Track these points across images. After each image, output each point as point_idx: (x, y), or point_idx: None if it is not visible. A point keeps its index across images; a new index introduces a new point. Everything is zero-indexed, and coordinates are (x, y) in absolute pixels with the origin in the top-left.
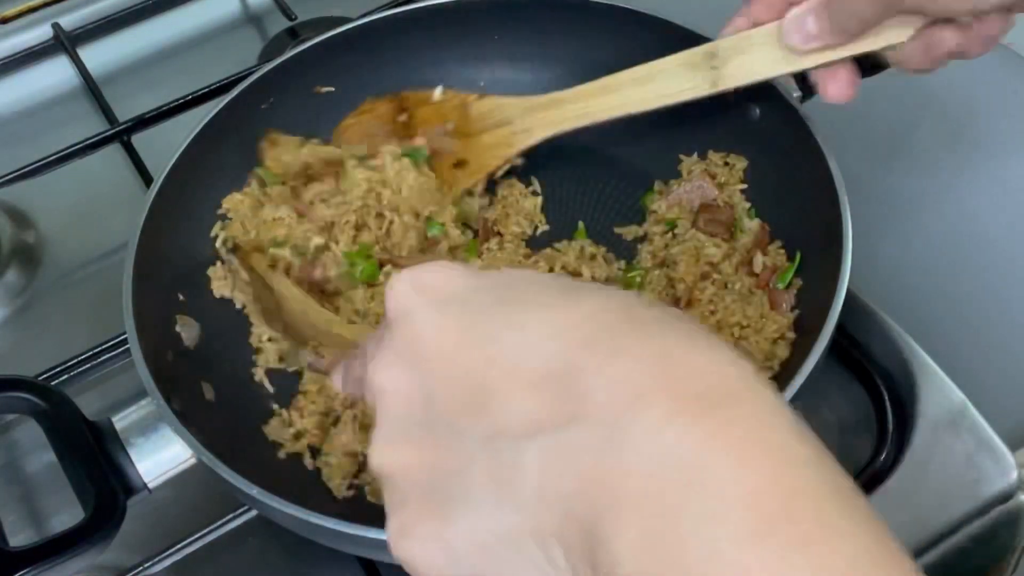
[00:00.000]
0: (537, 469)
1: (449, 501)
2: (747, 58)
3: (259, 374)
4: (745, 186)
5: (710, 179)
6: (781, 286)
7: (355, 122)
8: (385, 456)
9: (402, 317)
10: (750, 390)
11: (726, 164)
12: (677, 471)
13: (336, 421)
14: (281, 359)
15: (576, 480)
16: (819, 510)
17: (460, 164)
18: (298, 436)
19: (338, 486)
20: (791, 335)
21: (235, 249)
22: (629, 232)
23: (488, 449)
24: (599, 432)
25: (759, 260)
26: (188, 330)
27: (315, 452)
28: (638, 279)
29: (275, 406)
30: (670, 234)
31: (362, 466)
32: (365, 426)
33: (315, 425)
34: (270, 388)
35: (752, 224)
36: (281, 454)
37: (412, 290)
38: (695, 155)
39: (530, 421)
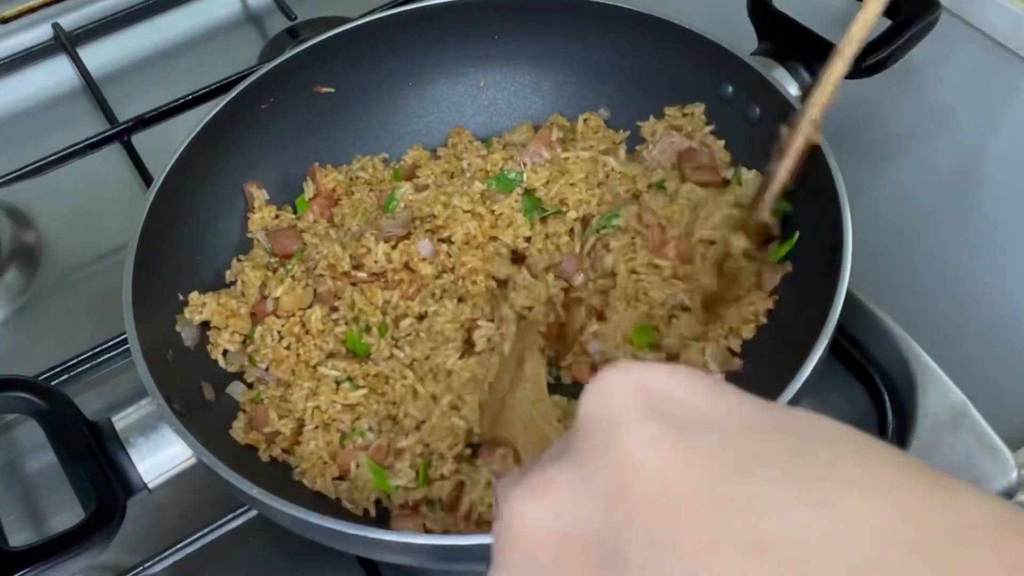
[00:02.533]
0: None
1: None
2: None
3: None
4: (712, 127)
5: (676, 131)
6: (774, 258)
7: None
8: None
9: (608, 425)
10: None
11: (685, 115)
12: None
13: (302, 427)
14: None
15: None
16: None
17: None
18: (270, 441)
19: (324, 486)
20: (763, 320)
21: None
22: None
23: None
24: None
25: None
26: (188, 330)
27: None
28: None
29: (246, 410)
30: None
31: (342, 473)
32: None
33: (288, 431)
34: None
35: (750, 175)
36: (263, 456)
37: (634, 393)
38: (651, 117)
39: None
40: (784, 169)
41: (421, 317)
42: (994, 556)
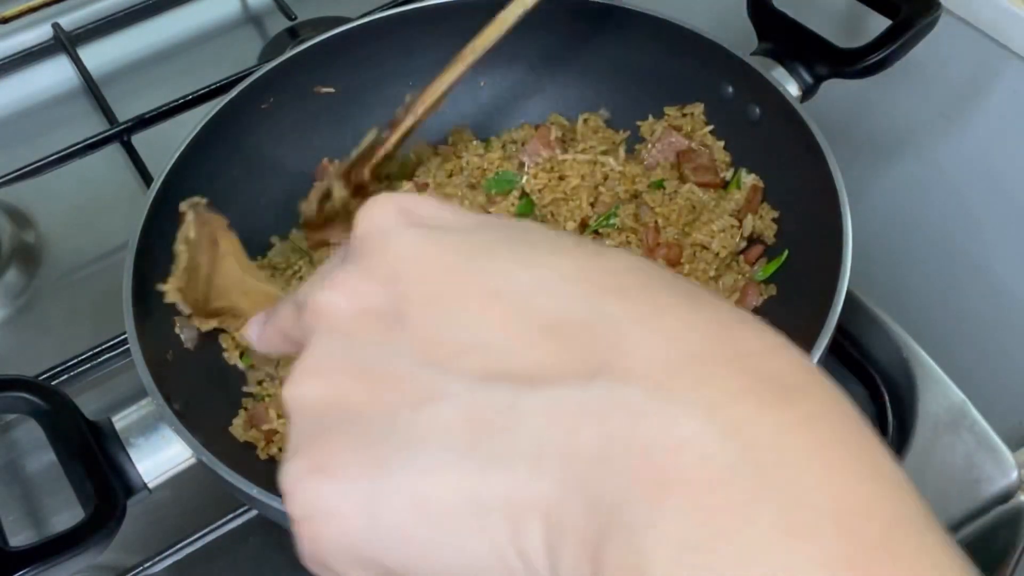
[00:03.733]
0: (542, 422)
1: (391, 443)
2: None
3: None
4: (712, 127)
5: (676, 131)
6: (762, 275)
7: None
8: (308, 384)
9: (378, 235)
10: (822, 385)
11: (685, 115)
12: (748, 461)
13: None
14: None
15: (599, 443)
16: (920, 545)
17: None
18: (268, 439)
19: None
20: None
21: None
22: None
23: (472, 389)
24: (638, 392)
25: (749, 222)
26: (188, 330)
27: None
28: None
29: (247, 407)
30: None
31: None
32: None
33: (286, 430)
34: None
35: (748, 179)
36: (261, 455)
37: (396, 212)
38: (650, 117)
39: (540, 367)
40: (391, 141)
41: None
42: (648, 279)
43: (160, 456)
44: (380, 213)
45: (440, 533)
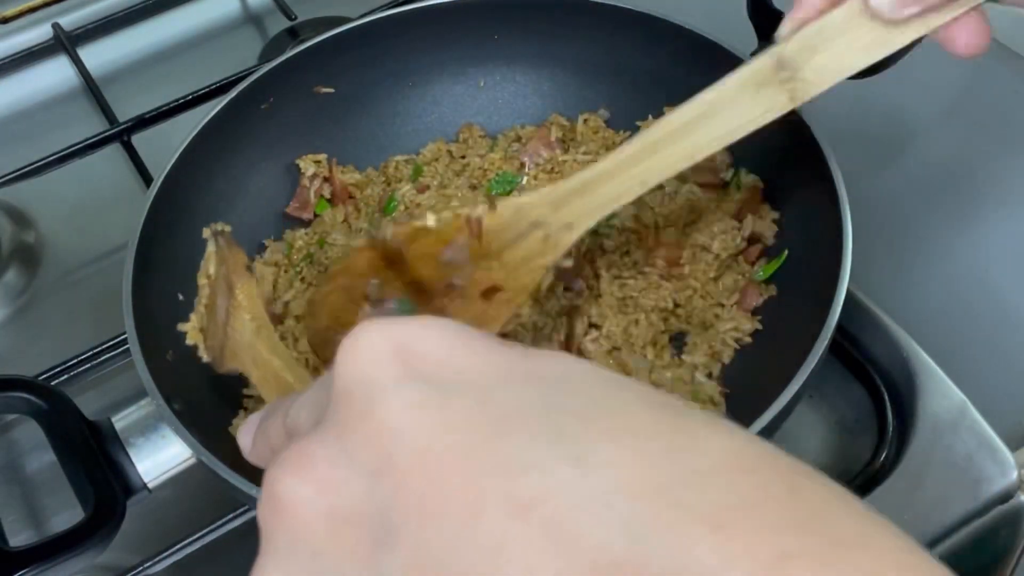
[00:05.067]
0: None
1: None
2: (826, 55)
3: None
4: None
5: None
6: (762, 275)
7: (330, 292)
8: None
9: (363, 392)
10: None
11: None
12: None
13: None
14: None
15: None
16: None
17: (490, 293)
18: None
19: None
20: (747, 340)
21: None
22: None
23: None
24: None
25: (749, 222)
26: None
27: None
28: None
29: (248, 407)
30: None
31: None
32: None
33: None
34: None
35: (748, 179)
36: None
37: (391, 354)
38: (650, 116)
39: None
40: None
41: None
42: (727, 495)
43: (160, 456)
44: (368, 354)
45: None
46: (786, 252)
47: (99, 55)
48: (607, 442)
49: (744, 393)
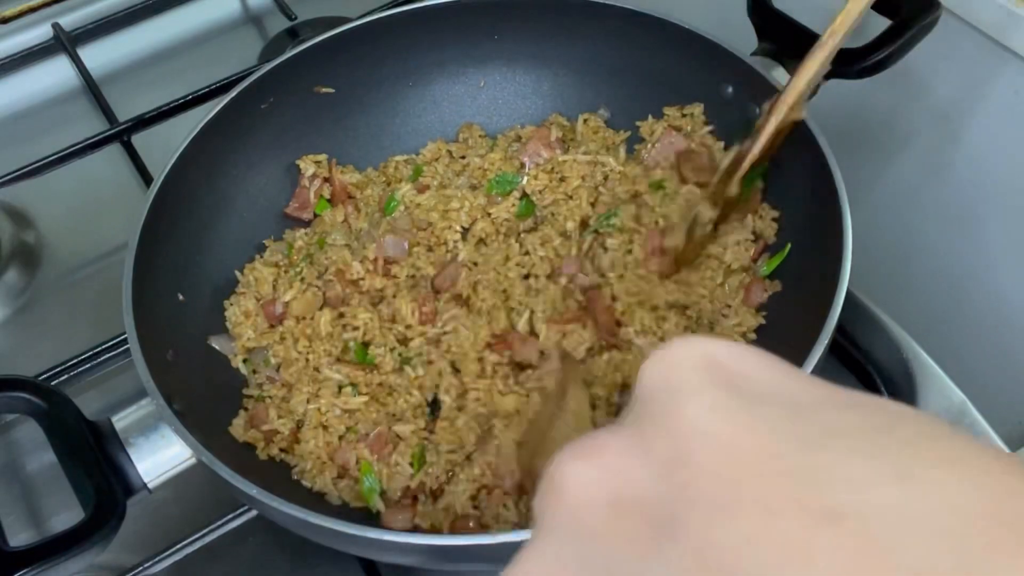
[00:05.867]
0: None
1: None
2: None
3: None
4: (711, 127)
5: (675, 131)
6: (765, 271)
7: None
8: None
9: (669, 393)
10: None
11: (684, 116)
12: None
13: (300, 426)
14: (246, 360)
15: None
16: None
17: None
18: (268, 440)
19: (324, 485)
20: (752, 336)
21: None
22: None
23: None
24: None
25: (749, 222)
26: (222, 341)
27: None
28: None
29: (248, 407)
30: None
31: (340, 472)
32: (327, 428)
33: (286, 430)
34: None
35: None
36: (261, 455)
37: (701, 364)
38: (650, 117)
39: None
40: (757, 146)
41: (435, 341)
42: None
43: (160, 456)
44: (679, 361)
45: None
46: (789, 246)
47: (99, 55)
48: (932, 466)
49: None
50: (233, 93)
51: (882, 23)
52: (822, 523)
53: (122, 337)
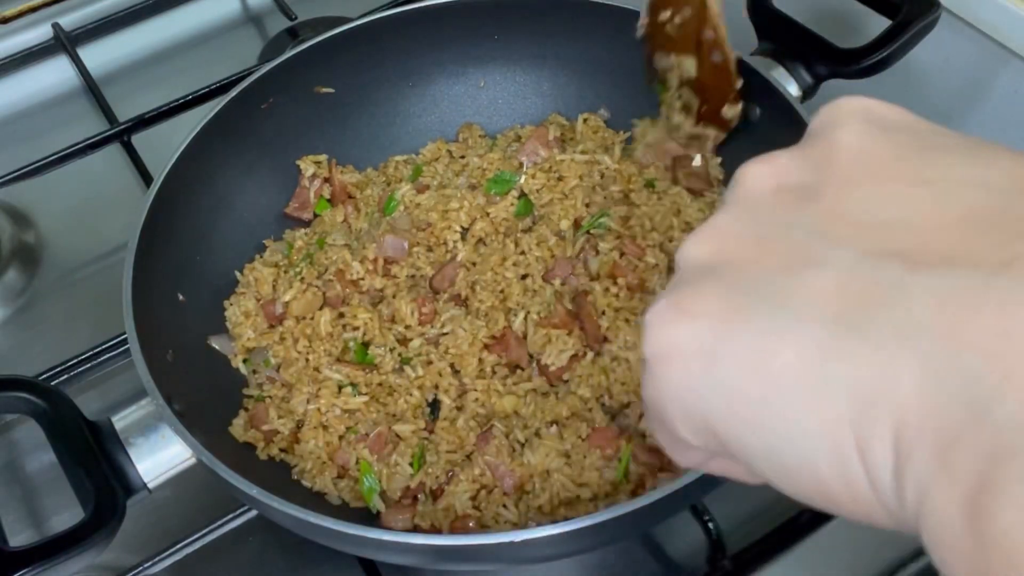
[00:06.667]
0: (928, 303)
1: (755, 297)
2: None
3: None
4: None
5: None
6: None
7: None
8: (701, 245)
9: (831, 126)
10: None
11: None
12: None
13: (300, 426)
14: (246, 360)
15: (992, 338)
16: None
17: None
18: (268, 440)
19: (324, 485)
20: None
21: None
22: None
23: (859, 261)
24: None
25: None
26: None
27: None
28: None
29: (248, 407)
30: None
31: (340, 472)
32: (327, 428)
33: (286, 430)
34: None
35: None
36: (261, 455)
37: (860, 110)
38: (647, 118)
39: (945, 251)
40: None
41: (435, 342)
42: None
43: (160, 456)
44: (844, 109)
45: (774, 396)
46: None
47: (99, 55)
48: (1009, 159)
49: None
50: (233, 93)
51: (882, 23)
52: (919, 184)
53: (122, 337)
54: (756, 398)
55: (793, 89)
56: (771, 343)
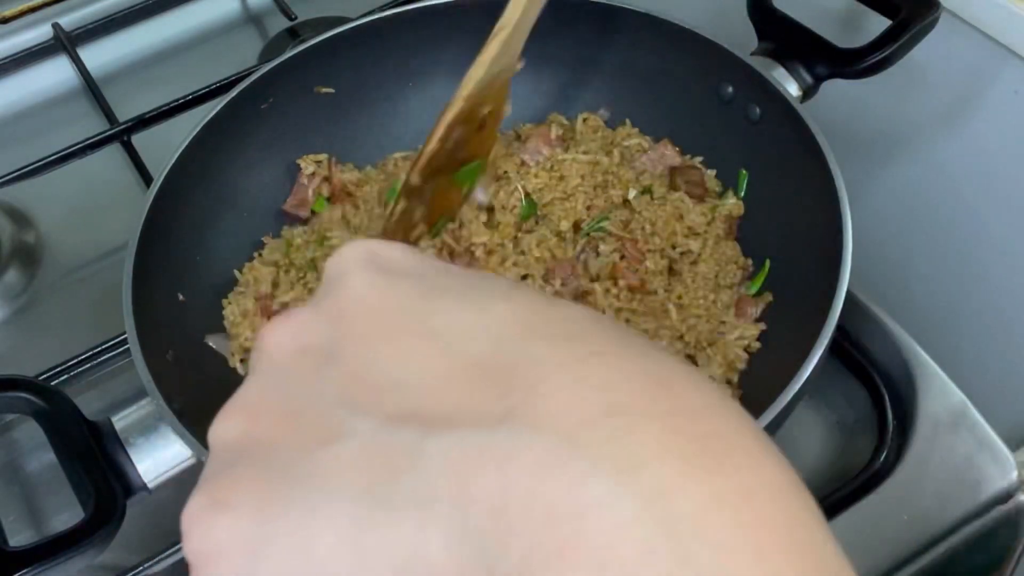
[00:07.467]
0: (439, 465)
1: (290, 480)
2: None
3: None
4: (714, 171)
5: (671, 145)
6: (752, 291)
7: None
8: (232, 421)
9: (339, 277)
10: (765, 453)
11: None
12: (666, 536)
13: None
14: (243, 360)
15: (496, 494)
16: None
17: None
18: None
19: None
20: (756, 345)
21: None
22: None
23: (378, 429)
24: (544, 442)
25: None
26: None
27: None
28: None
29: None
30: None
31: None
32: None
33: None
34: None
35: (730, 203)
36: None
37: (362, 256)
38: (648, 117)
39: (453, 408)
40: (433, 139)
41: None
42: (576, 330)
43: (160, 456)
44: (348, 257)
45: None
46: (768, 263)
47: (99, 55)
48: (503, 302)
49: (746, 393)
50: (233, 93)
51: (882, 23)
52: (421, 337)
53: (122, 337)
54: None
55: (793, 89)
56: (311, 526)
